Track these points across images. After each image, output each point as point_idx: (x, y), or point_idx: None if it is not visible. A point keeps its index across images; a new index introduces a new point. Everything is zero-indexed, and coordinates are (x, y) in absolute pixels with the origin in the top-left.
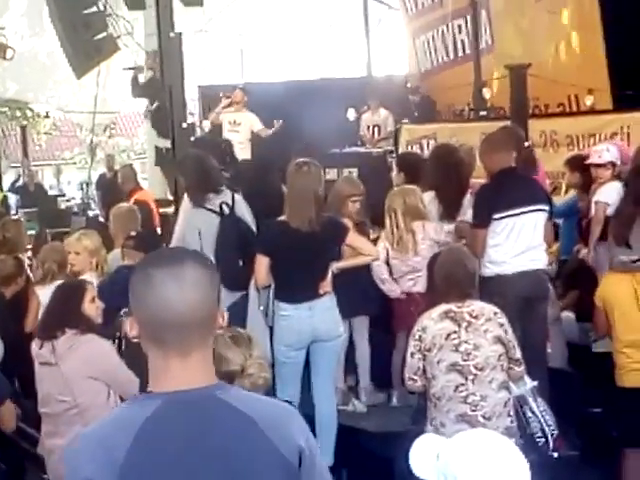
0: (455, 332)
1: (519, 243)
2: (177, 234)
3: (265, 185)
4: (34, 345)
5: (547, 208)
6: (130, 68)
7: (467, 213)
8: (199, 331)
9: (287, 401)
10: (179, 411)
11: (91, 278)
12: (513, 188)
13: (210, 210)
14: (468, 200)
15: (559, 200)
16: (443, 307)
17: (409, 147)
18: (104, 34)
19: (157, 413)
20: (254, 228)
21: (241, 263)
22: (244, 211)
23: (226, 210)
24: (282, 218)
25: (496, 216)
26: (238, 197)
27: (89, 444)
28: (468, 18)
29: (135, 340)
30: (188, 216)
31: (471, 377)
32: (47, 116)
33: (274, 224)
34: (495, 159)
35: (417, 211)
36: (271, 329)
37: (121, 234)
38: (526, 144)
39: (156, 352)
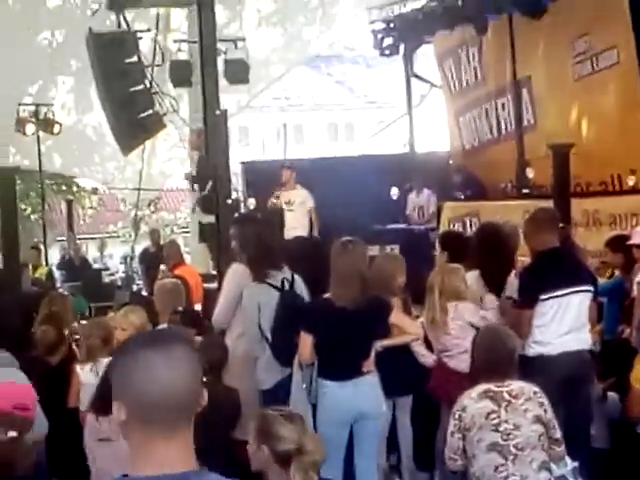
0: (495, 412)
1: (564, 324)
2: (224, 303)
3: (315, 263)
4: (91, 420)
5: (592, 288)
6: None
7: (510, 291)
8: (185, 412)
9: (329, 479)
10: None
11: None
12: (558, 268)
13: (271, 285)
14: (512, 278)
15: (603, 280)
16: (482, 387)
17: (451, 225)
18: (150, 112)
19: None
20: None
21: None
22: (302, 288)
23: (287, 286)
24: (327, 296)
25: (542, 297)
26: (297, 277)
27: None
28: (510, 97)
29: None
30: (249, 290)
31: (511, 457)
32: (95, 192)
33: (319, 302)
34: (539, 239)
35: (455, 291)
36: (314, 406)
37: (167, 309)
38: (560, 225)
39: (139, 434)
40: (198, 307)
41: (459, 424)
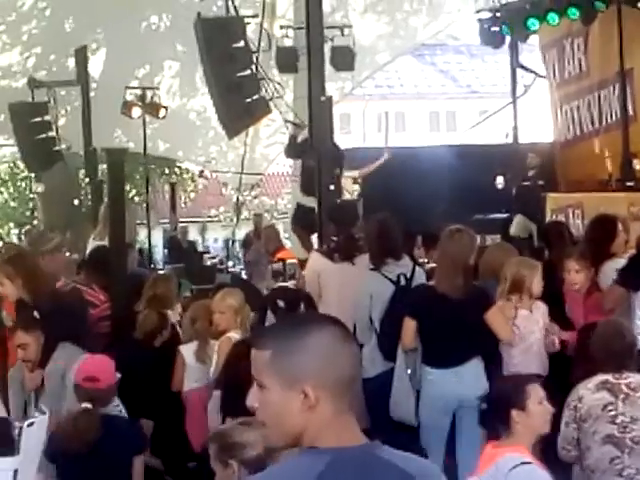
0: (612, 404)
1: None
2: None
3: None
4: (218, 396)
5: None
6: (291, 122)
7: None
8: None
9: None
10: (348, 468)
11: (236, 336)
12: None
13: (387, 277)
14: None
15: None
16: (600, 377)
17: (554, 216)
18: (256, 96)
19: (329, 469)
20: None
21: None
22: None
23: (402, 282)
24: (431, 283)
25: None
26: (419, 270)
27: None
28: (613, 88)
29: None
30: (364, 278)
31: (627, 450)
32: (201, 175)
33: (423, 288)
34: None
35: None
36: (417, 393)
37: None
38: None
39: (328, 409)
40: None
41: (575, 414)
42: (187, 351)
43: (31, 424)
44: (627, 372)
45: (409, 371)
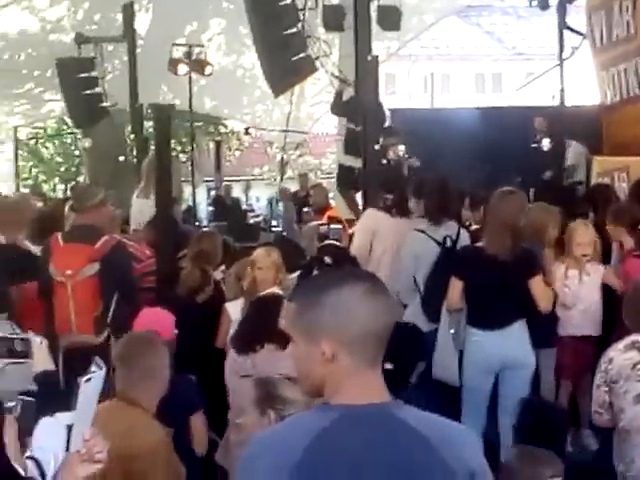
0: None
1: None
2: (357, 246)
3: None
4: (232, 356)
5: None
6: (337, 77)
7: None
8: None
9: None
10: (355, 426)
11: (279, 292)
12: None
13: (432, 238)
14: None
15: None
16: (630, 338)
17: (600, 179)
18: (303, 55)
19: (333, 425)
20: None
21: None
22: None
23: (449, 243)
24: (480, 244)
25: None
26: (464, 233)
27: (263, 448)
28: None
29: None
30: (409, 239)
31: None
32: (247, 132)
33: (471, 249)
34: None
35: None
36: (461, 353)
37: None
38: None
39: (347, 364)
40: None
41: (605, 376)
42: (233, 308)
43: (88, 380)
44: None
45: (452, 331)
